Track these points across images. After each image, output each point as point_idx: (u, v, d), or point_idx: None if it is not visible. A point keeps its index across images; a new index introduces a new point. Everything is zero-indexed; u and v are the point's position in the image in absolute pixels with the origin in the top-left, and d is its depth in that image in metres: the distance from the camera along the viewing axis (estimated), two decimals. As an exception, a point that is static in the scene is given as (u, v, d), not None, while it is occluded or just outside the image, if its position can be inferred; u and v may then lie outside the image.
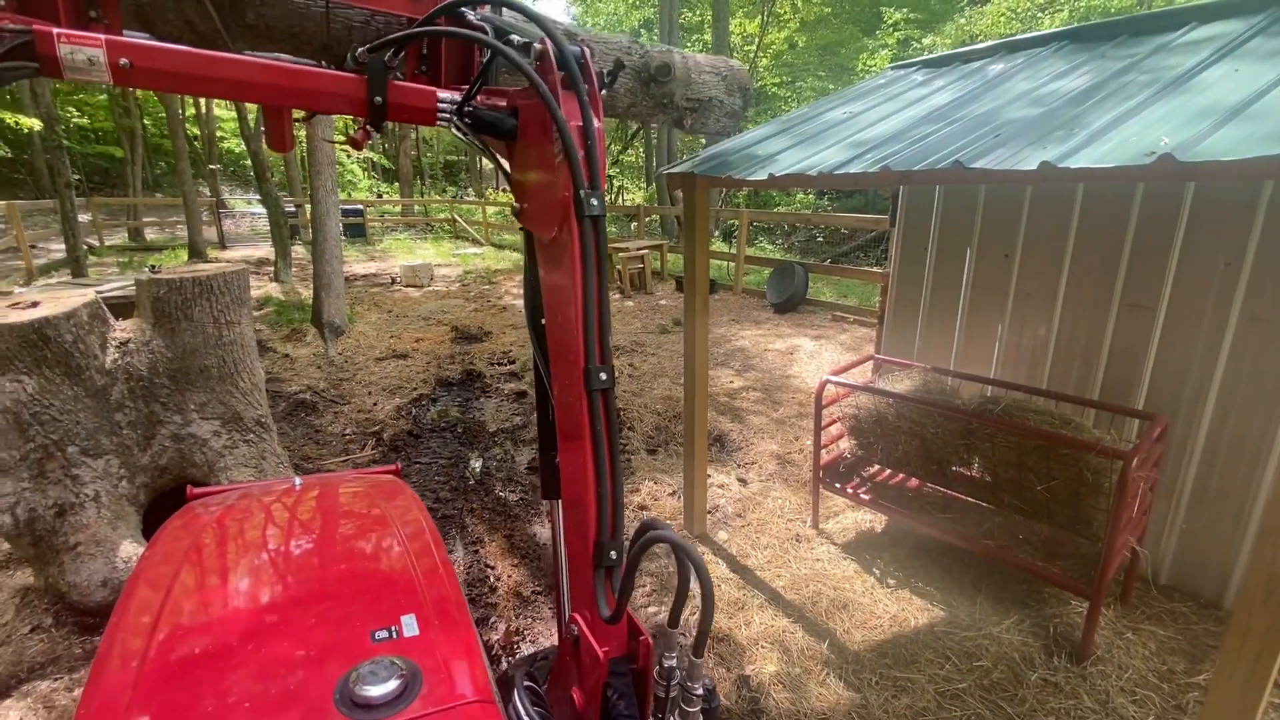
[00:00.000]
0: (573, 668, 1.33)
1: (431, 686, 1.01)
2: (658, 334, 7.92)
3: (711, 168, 2.83)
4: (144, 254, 14.67)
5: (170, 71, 1.18)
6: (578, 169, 1.13)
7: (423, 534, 1.51)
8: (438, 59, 1.51)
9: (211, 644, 1.11)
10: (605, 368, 1.19)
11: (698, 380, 3.32)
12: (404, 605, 1.21)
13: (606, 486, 1.19)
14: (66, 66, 1.11)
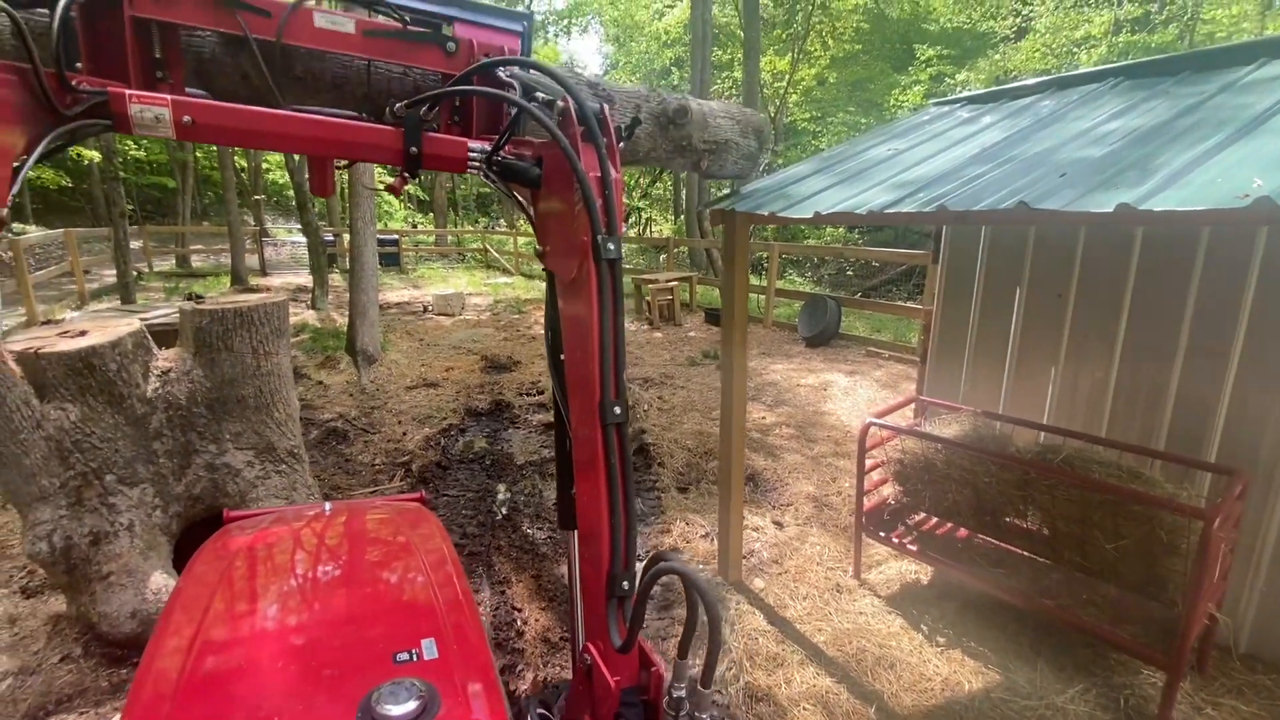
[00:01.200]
0: (585, 697, 1.35)
1: (449, 708, 1.04)
2: (687, 366, 7.84)
3: (753, 205, 2.78)
4: (189, 280, 15.20)
5: (227, 127, 1.29)
6: (596, 216, 1.21)
7: (444, 561, 1.56)
8: (469, 112, 1.62)
9: (245, 660, 1.18)
10: (620, 402, 1.24)
11: (735, 421, 3.22)
12: (424, 629, 1.26)
13: (620, 518, 1.23)
14: (136, 123, 1.21)
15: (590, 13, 25.26)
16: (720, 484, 3.43)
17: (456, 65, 1.58)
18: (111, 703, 2.50)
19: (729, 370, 3.15)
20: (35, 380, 2.67)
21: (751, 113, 2.85)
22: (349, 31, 1.49)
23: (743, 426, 3.29)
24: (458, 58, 1.57)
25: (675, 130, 2.39)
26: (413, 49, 1.56)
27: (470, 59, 1.57)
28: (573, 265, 1.32)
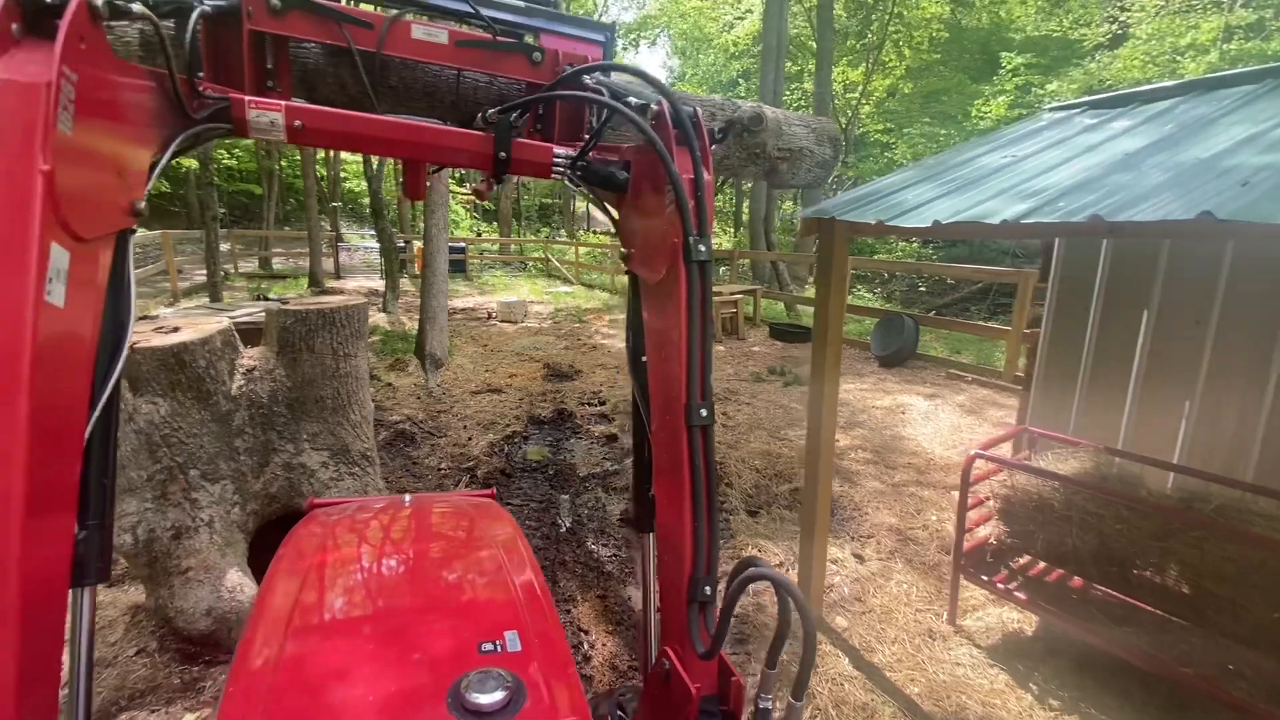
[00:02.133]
0: (661, 702, 1.33)
1: (534, 702, 1.05)
2: (751, 382, 7.59)
3: (855, 213, 2.58)
4: (270, 281, 16.00)
5: (333, 131, 1.38)
6: (688, 218, 1.21)
7: (520, 555, 1.59)
8: (552, 119, 1.67)
9: (338, 641, 1.22)
10: (706, 404, 1.23)
11: (823, 446, 3.00)
12: (506, 621, 1.27)
13: (703, 522, 1.22)
14: (253, 127, 1.31)
15: (659, 26, 25.47)
16: (803, 512, 3.20)
17: (541, 74, 1.62)
18: (182, 701, 2.50)
19: (819, 393, 2.93)
20: (129, 374, 2.72)
21: (826, 121, 2.74)
22: (442, 42, 1.55)
23: (831, 453, 3.06)
24: (543, 67, 1.62)
25: (749, 138, 2.33)
26: (500, 59, 1.61)
27: (554, 68, 1.62)
28: (660, 268, 1.32)
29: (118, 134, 1.11)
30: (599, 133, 1.55)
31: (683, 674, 1.22)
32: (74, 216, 0.94)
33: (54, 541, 0.96)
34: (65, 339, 0.95)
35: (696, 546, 1.22)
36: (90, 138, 1.00)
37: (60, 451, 0.98)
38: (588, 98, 1.49)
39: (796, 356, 8.85)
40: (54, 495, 0.96)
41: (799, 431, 5.85)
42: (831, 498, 4.43)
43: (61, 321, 0.93)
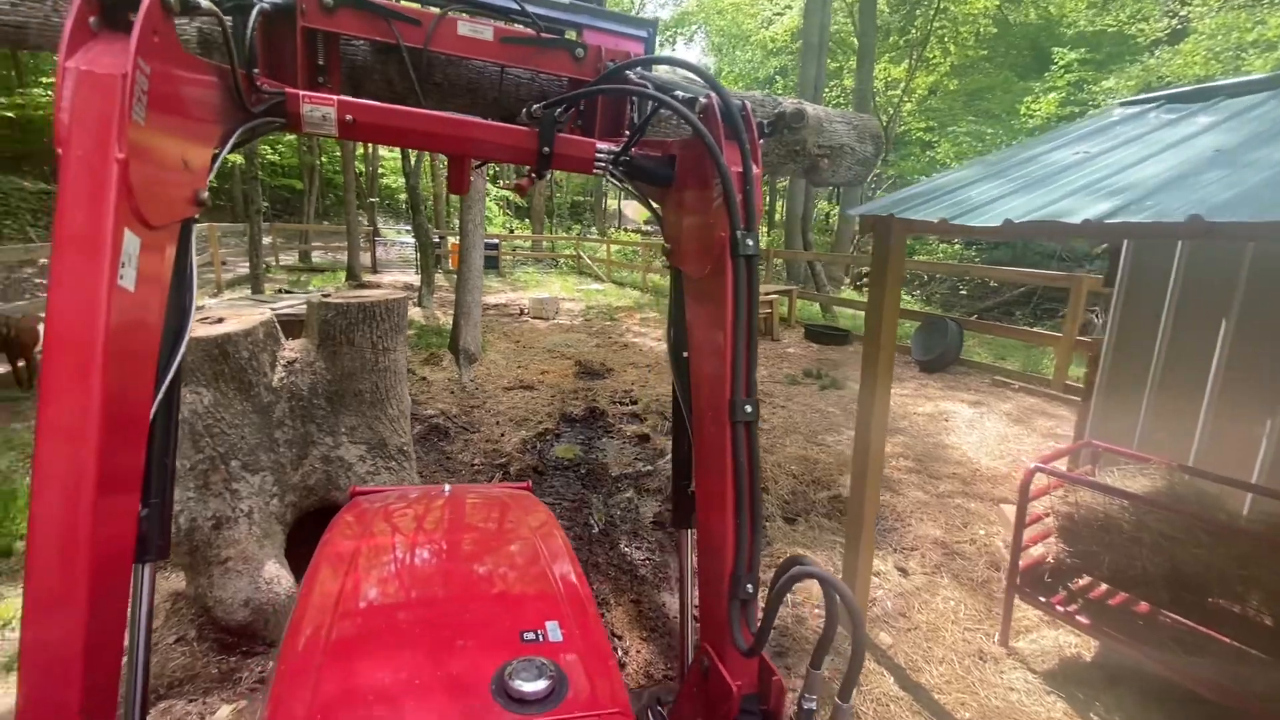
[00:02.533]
0: (699, 699, 1.31)
1: (576, 692, 1.05)
2: (786, 384, 7.43)
3: (915, 210, 2.44)
4: (310, 274, 16.34)
5: (383, 126, 1.40)
6: (735, 212, 1.20)
7: (559, 546, 1.59)
8: (593, 114, 1.67)
9: (384, 625, 1.23)
10: (750, 401, 1.21)
11: (872, 458, 2.87)
12: (547, 612, 1.27)
13: (745, 518, 1.20)
14: (306, 122, 1.33)
15: (696, 23, 25.26)
16: (849, 522, 3.08)
17: (584, 70, 1.63)
18: (219, 693, 2.50)
19: (869, 400, 2.80)
20: (176, 364, 2.74)
21: (867, 118, 2.65)
22: (488, 39, 1.55)
23: (880, 463, 2.92)
24: (585, 63, 1.63)
25: (790, 135, 2.29)
26: (544, 55, 1.61)
27: (596, 64, 1.62)
28: (705, 262, 1.30)
29: (185, 126, 1.14)
30: (643, 127, 1.55)
31: (723, 671, 1.20)
32: (145, 204, 0.95)
33: (120, 518, 0.98)
34: (134, 323, 0.97)
35: (739, 544, 1.20)
36: (161, 128, 1.02)
37: (128, 431, 0.99)
38: (637, 91, 1.48)
39: (833, 359, 8.64)
40: (121, 474, 0.98)
41: (837, 437, 5.69)
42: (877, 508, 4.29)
43: (131, 306, 0.95)
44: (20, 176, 16.28)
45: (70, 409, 0.86)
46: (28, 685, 0.83)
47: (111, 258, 0.89)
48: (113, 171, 0.89)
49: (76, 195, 0.88)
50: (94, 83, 0.90)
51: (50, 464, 0.85)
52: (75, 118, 0.89)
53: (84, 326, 0.87)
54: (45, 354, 0.87)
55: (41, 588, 0.84)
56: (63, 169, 0.89)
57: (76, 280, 0.87)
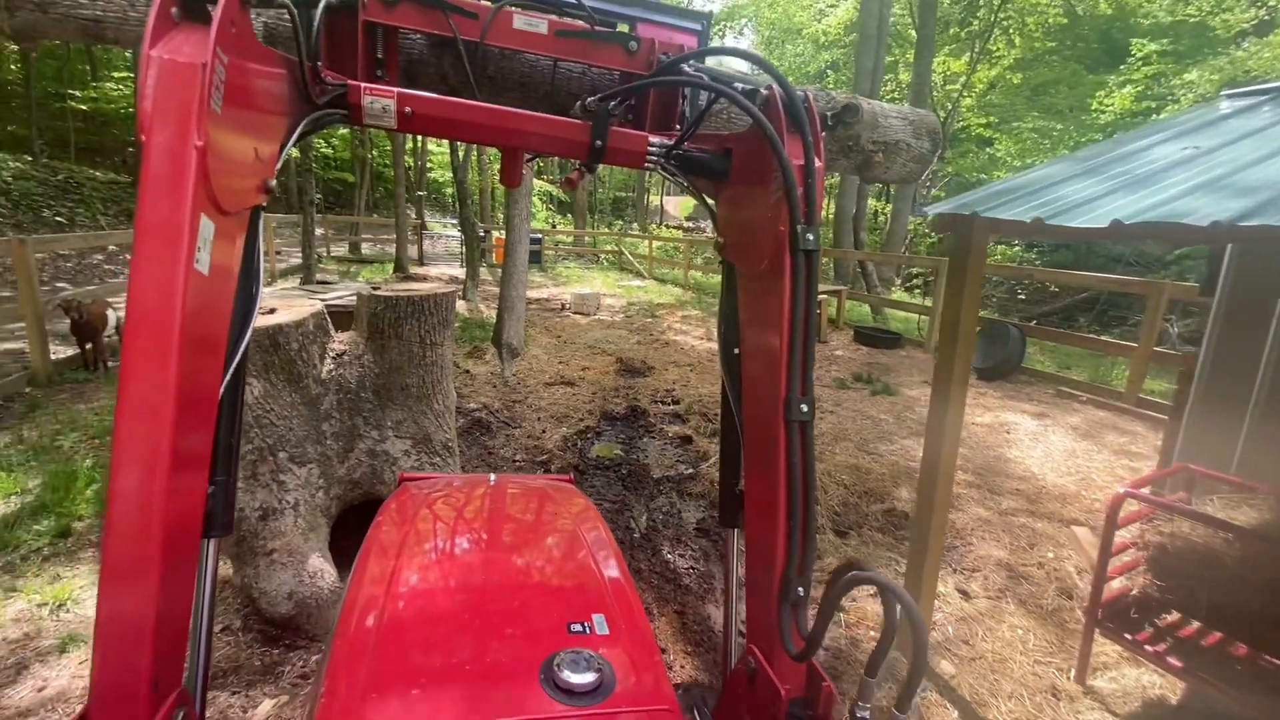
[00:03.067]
0: (743, 702, 1.28)
1: (624, 686, 1.04)
2: (835, 388, 7.18)
3: (1002, 209, 2.24)
4: (359, 265, 16.72)
5: (441, 118, 1.41)
6: (796, 205, 1.17)
7: (604, 540, 1.58)
8: (644, 108, 1.66)
9: (435, 610, 1.24)
10: (806, 400, 1.19)
11: (942, 473, 2.67)
12: (593, 605, 1.26)
13: (798, 519, 1.18)
14: (366, 114, 1.36)
15: (746, 16, 24.85)
16: (913, 540, 2.88)
17: (636, 64, 1.62)
18: (262, 686, 2.48)
19: (942, 413, 2.60)
20: (228, 353, 2.74)
21: (925, 113, 2.52)
22: (542, 32, 1.56)
23: (951, 479, 2.72)
24: (638, 56, 1.61)
25: (843, 130, 2.21)
26: (597, 48, 1.61)
27: (650, 57, 1.61)
28: (761, 257, 1.28)
29: (257, 116, 1.16)
30: (699, 118, 1.55)
31: (771, 675, 1.18)
32: (219, 191, 0.98)
33: (190, 494, 1.01)
34: (207, 305, 1.00)
35: (790, 545, 1.18)
36: (235, 118, 1.04)
37: (199, 410, 1.02)
38: (697, 82, 1.46)
39: (884, 363, 8.33)
40: (193, 451, 1.01)
41: (889, 446, 5.45)
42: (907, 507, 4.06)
43: (205, 289, 0.98)
44: (93, 167, 17.13)
45: (149, 386, 0.89)
46: (103, 651, 0.85)
47: (189, 242, 0.92)
48: (191, 158, 0.91)
49: (158, 181, 0.91)
50: (175, 71, 0.93)
51: (129, 438, 0.88)
52: (157, 106, 0.92)
53: (163, 306, 0.90)
54: (127, 332, 0.91)
55: (119, 559, 0.87)
56: (145, 155, 0.91)
57: (157, 262, 0.90)
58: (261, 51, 1.18)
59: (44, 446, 4.29)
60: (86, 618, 2.75)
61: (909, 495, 4.54)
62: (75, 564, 3.11)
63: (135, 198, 0.90)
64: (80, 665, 2.49)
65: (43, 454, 4.17)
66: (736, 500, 1.62)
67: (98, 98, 18.21)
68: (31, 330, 5.70)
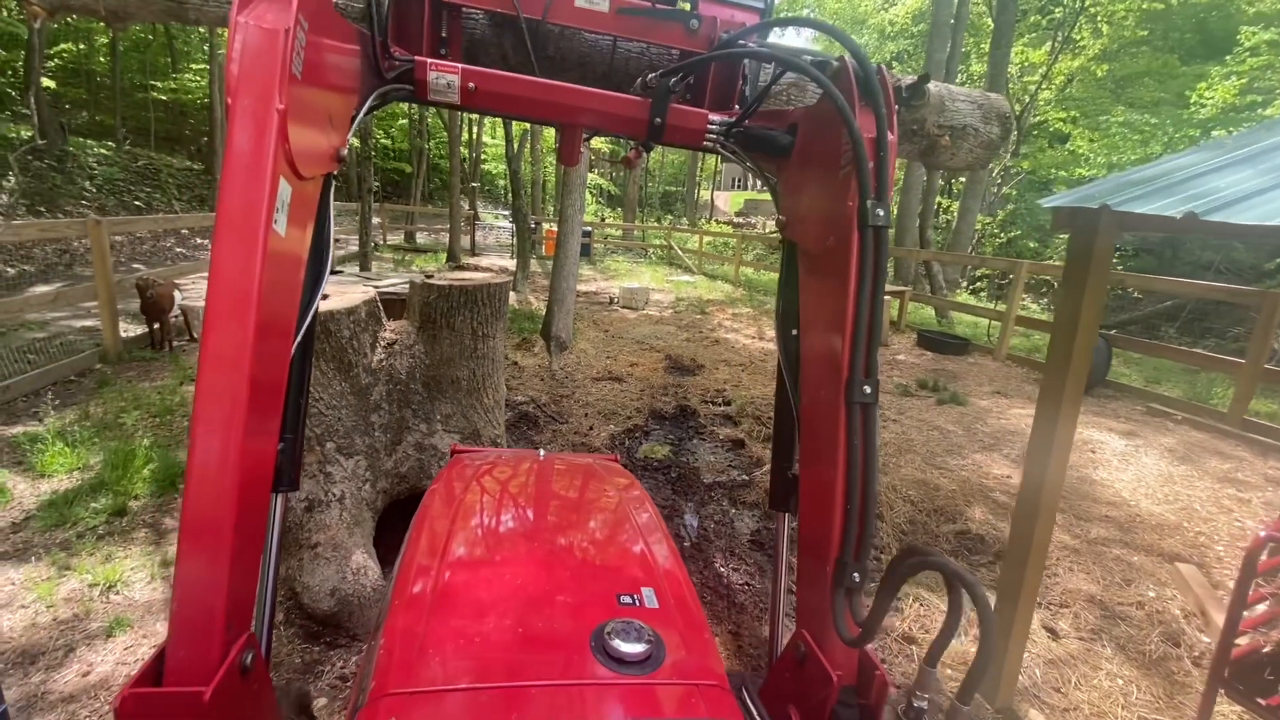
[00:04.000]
0: (791, 686, 1.26)
1: (673, 659, 1.04)
2: (898, 395, 6.79)
3: (1141, 202, 1.92)
4: (413, 253, 17.02)
5: (503, 94, 1.43)
6: (866, 180, 1.14)
7: (652, 517, 1.58)
8: (703, 87, 1.65)
9: (488, 577, 1.24)
10: (870, 381, 1.16)
11: (1045, 501, 2.36)
12: (642, 579, 1.26)
13: (856, 504, 1.15)
14: (431, 89, 1.38)
15: (808, 6, 24.12)
16: (1006, 571, 2.58)
17: (697, 42, 1.60)
18: (301, 684, 2.39)
19: (1048, 431, 2.29)
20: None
21: (995, 97, 2.32)
22: (603, 10, 1.56)
23: (1054, 506, 2.41)
24: (699, 34, 1.59)
25: (907, 113, 2.08)
26: (658, 26, 1.59)
27: (711, 35, 1.59)
28: (826, 234, 1.26)
29: (333, 84, 1.20)
30: (764, 93, 1.53)
31: (822, 660, 1.16)
32: (298, 155, 1.02)
33: (263, 448, 1.03)
34: (283, 265, 1.03)
35: (847, 530, 1.15)
36: (314, 85, 1.08)
37: (273, 365, 1.04)
38: (767, 55, 1.42)
39: (950, 370, 7.85)
40: (266, 405, 1.03)
41: (959, 460, 5.07)
42: (993, 538, 3.70)
43: (282, 249, 1.01)
44: (170, 155, 17.95)
45: (231, 337, 0.93)
46: (181, 594, 0.89)
47: (269, 202, 0.95)
48: (274, 120, 0.95)
49: (242, 143, 0.94)
50: (261, 35, 0.96)
51: (211, 389, 0.92)
52: (243, 70, 0.95)
53: (244, 263, 0.94)
54: (211, 283, 0.94)
55: (199, 508, 0.90)
56: (230, 118, 0.95)
57: (240, 222, 0.94)
58: (338, 23, 1.21)
59: (108, 423, 4.39)
60: (135, 601, 2.73)
61: (982, 516, 4.18)
62: (129, 544, 3.12)
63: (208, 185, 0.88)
64: (125, 651, 2.45)
65: (106, 431, 4.26)
66: (789, 484, 1.60)
67: (176, 89, 19.07)
68: (104, 308, 5.90)
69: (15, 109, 14.53)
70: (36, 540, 3.06)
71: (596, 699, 0.97)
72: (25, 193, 11.95)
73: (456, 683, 0.97)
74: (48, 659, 2.37)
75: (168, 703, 0.86)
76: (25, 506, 3.33)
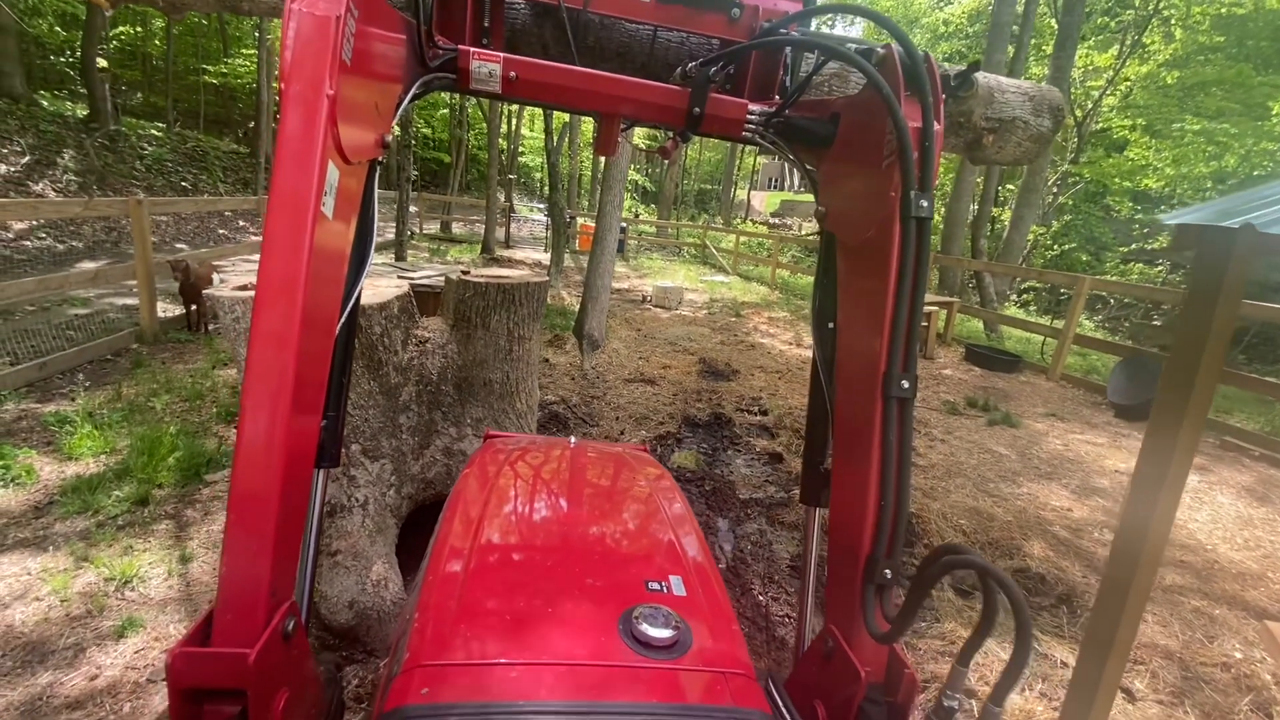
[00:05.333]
0: (817, 682, 1.23)
1: (700, 647, 1.05)
2: (945, 414, 6.44)
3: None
4: (449, 244, 17.06)
5: (544, 83, 1.43)
6: (910, 170, 1.13)
7: (681, 507, 1.59)
8: (743, 77, 1.63)
9: (518, 558, 1.29)
10: (908, 376, 1.14)
11: (1147, 552, 2.08)
12: (670, 567, 1.28)
13: (890, 500, 1.13)
14: (473, 78, 1.41)
15: (857, 4, 23.49)
16: (1093, 625, 2.30)
17: (738, 31, 1.59)
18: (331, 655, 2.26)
19: (1157, 471, 2.02)
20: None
21: (1048, 88, 2.19)
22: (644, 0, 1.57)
23: (1158, 558, 2.13)
24: (740, 24, 1.59)
25: (954, 105, 1.95)
26: (699, 15, 1.59)
27: (753, 25, 1.59)
28: (867, 226, 1.24)
29: (380, 71, 1.22)
30: (805, 82, 1.54)
31: (850, 656, 1.14)
32: (346, 141, 1.05)
33: (308, 425, 1.05)
34: (329, 246, 1.06)
35: (880, 526, 1.14)
36: (361, 72, 1.10)
37: (318, 344, 1.06)
38: (809, 42, 1.44)
39: (1001, 388, 7.45)
40: (312, 381, 1.05)
41: (1014, 489, 4.74)
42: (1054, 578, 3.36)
43: (329, 231, 1.04)
44: (218, 138, 18.31)
45: (280, 314, 0.96)
46: (230, 560, 0.93)
47: (318, 185, 0.98)
48: (324, 106, 0.98)
49: (294, 127, 0.98)
50: (313, 23, 1.00)
51: (260, 364, 0.95)
52: (295, 56, 0.99)
53: (292, 244, 0.97)
54: (262, 263, 0.97)
55: (247, 478, 0.93)
56: (283, 103, 0.98)
57: (290, 202, 0.97)
58: (385, 11, 1.23)
59: (139, 406, 4.35)
60: (150, 599, 2.63)
61: (1042, 552, 3.87)
62: (148, 536, 3.03)
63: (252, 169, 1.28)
64: (135, 654, 2.34)
65: (135, 414, 4.21)
66: (820, 479, 1.61)
67: (227, 73, 19.45)
68: (142, 288, 5.91)
69: (73, 88, 14.94)
70: (57, 528, 2.99)
71: (623, 681, 0.98)
72: (78, 170, 12.25)
73: (486, 657, 1.00)
74: (56, 658, 2.28)
75: (215, 662, 0.89)
76: (49, 490, 3.28)
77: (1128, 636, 2.22)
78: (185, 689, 0.89)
